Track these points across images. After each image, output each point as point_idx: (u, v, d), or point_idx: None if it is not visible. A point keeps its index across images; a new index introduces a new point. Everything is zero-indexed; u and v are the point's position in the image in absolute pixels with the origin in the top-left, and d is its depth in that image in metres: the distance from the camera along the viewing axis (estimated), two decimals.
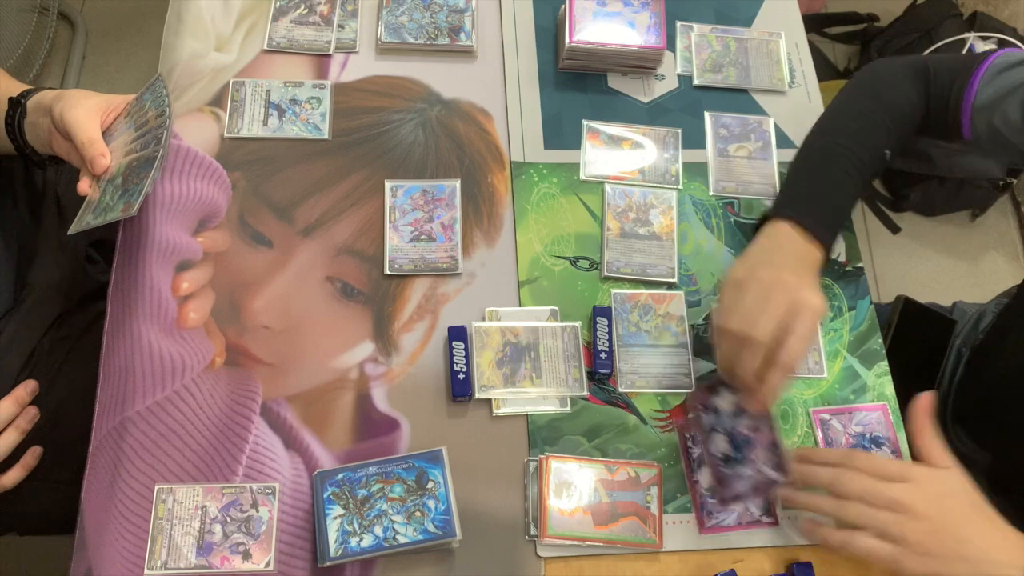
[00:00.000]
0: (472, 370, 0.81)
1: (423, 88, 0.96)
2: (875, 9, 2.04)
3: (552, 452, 0.79)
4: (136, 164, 0.75)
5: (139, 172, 0.74)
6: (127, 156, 0.77)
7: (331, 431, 0.78)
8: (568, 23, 0.96)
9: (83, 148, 0.76)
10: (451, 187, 0.90)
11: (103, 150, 0.77)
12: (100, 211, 0.75)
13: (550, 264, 0.88)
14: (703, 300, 0.88)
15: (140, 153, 0.76)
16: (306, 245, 0.86)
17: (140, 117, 0.79)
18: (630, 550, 0.76)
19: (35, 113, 0.80)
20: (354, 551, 0.71)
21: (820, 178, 0.81)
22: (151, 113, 0.78)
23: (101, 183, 0.77)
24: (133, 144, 0.77)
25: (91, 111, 0.78)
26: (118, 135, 0.79)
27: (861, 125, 0.83)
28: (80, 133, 0.76)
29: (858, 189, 0.82)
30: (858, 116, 0.84)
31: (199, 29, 0.96)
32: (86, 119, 0.76)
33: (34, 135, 0.82)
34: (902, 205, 1.89)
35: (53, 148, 0.81)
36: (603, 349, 0.83)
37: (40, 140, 0.82)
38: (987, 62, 0.81)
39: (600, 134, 0.96)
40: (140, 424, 0.76)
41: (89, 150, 0.76)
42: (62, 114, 0.76)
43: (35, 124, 0.81)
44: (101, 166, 0.76)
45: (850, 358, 0.88)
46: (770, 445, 0.77)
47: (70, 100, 0.77)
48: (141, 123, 0.79)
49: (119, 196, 0.74)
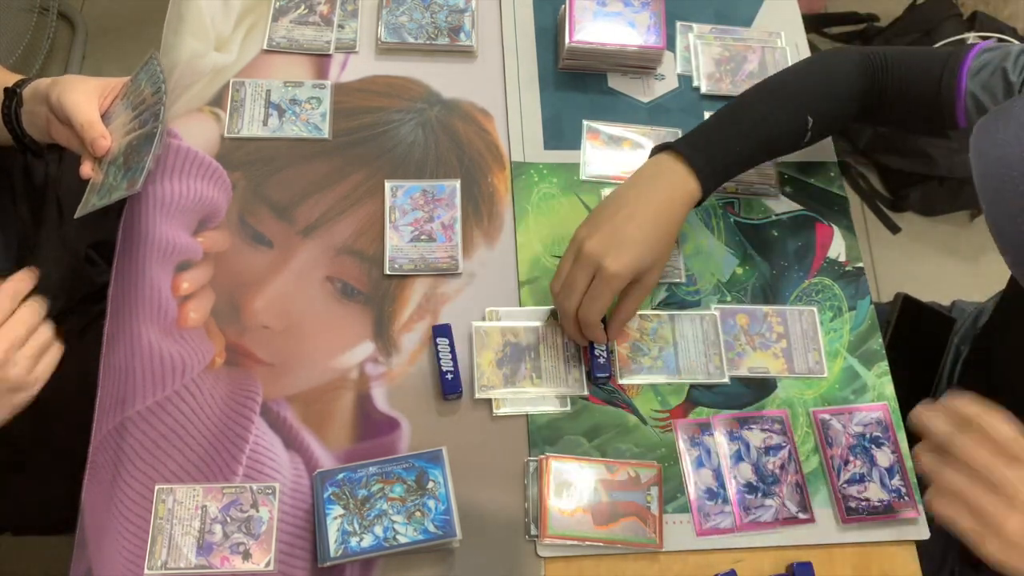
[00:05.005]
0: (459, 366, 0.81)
1: (423, 88, 0.96)
2: (875, 9, 2.04)
3: (552, 452, 0.79)
4: (136, 142, 0.76)
5: (140, 150, 0.75)
6: (127, 136, 0.77)
7: (331, 431, 0.78)
8: (568, 23, 0.96)
9: (83, 131, 0.76)
10: (451, 187, 0.90)
11: (103, 131, 0.77)
12: (104, 192, 0.75)
13: (550, 264, 0.88)
14: (703, 300, 0.88)
15: (139, 131, 0.76)
16: (306, 245, 0.86)
17: (136, 96, 0.80)
18: (630, 550, 0.76)
19: (32, 102, 0.81)
20: (354, 551, 0.71)
21: (724, 124, 0.84)
22: (147, 91, 0.79)
23: (103, 165, 0.78)
24: (132, 123, 0.78)
25: (89, 94, 0.78)
26: (116, 116, 0.80)
27: (791, 90, 0.86)
28: (79, 116, 0.76)
29: (762, 146, 0.84)
30: (793, 81, 0.87)
31: (199, 29, 0.96)
32: (84, 102, 0.77)
33: (32, 124, 0.82)
34: (902, 205, 1.89)
35: (52, 135, 0.81)
36: (600, 352, 0.83)
37: (38, 129, 0.82)
38: (974, 49, 0.82)
39: (600, 134, 0.96)
40: (140, 424, 0.76)
41: (89, 132, 0.76)
42: (60, 98, 0.76)
43: (32, 113, 0.81)
44: (102, 147, 0.76)
45: (850, 358, 0.88)
46: (795, 486, 0.80)
47: (67, 85, 0.78)
48: (138, 102, 0.79)
49: (122, 176, 0.75)
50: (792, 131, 0.85)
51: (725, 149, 0.82)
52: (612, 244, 0.76)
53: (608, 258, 0.76)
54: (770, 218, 0.94)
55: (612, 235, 0.77)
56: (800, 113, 0.84)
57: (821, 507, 0.79)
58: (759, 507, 0.79)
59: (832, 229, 0.95)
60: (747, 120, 0.84)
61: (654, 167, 0.81)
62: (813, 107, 0.84)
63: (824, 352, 0.87)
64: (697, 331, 0.87)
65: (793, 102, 0.85)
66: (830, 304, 0.90)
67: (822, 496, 0.80)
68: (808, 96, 0.85)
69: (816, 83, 0.86)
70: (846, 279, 0.92)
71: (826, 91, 0.86)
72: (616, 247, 0.76)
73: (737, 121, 0.84)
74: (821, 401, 0.85)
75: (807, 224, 0.94)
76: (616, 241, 0.77)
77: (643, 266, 0.78)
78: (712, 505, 0.79)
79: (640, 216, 0.78)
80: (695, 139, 0.82)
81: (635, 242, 0.77)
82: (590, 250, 0.77)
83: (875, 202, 1.90)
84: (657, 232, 0.78)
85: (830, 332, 0.89)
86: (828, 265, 0.92)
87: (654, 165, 0.81)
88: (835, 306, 0.90)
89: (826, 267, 0.92)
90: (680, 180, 0.79)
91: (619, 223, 0.77)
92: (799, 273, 0.91)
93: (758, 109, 0.85)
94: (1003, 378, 0.89)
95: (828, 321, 0.89)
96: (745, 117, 0.84)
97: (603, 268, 0.76)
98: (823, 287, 0.91)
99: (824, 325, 0.89)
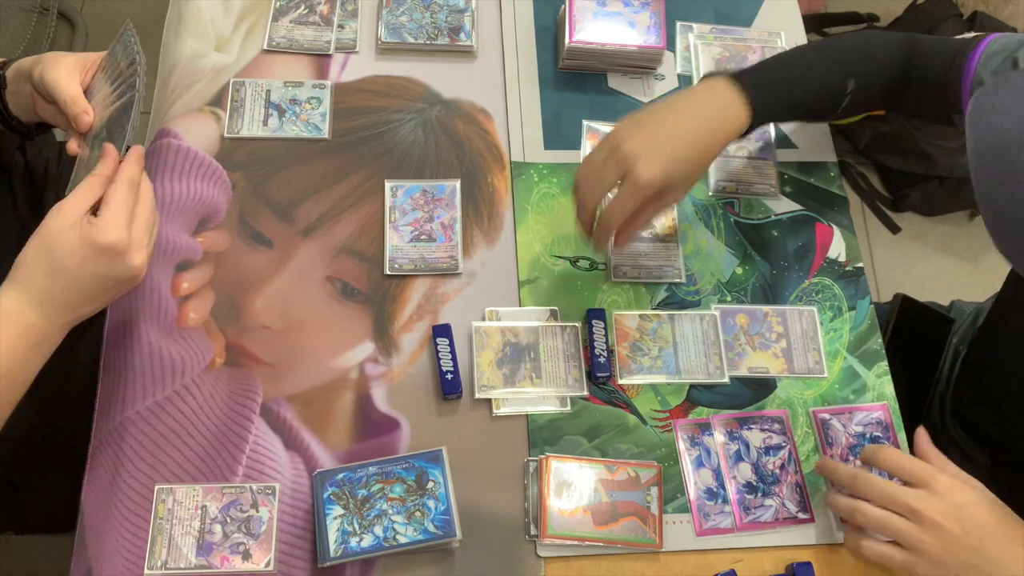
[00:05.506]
0: (459, 366, 0.81)
1: (423, 88, 0.96)
2: (875, 9, 2.04)
3: (552, 452, 0.79)
4: (115, 114, 0.76)
5: (120, 121, 0.75)
6: (106, 109, 0.78)
7: (331, 431, 0.78)
8: (568, 23, 0.96)
9: (66, 107, 0.77)
10: (451, 187, 0.90)
11: (85, 107, 0.77)
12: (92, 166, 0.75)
13: (550, 264, 0.88)
14: (703, 300, 0.88)
15: (117, 103, 0.77)
16: (306, 245, 0.86)
17: (114, 70, 0.80)
18: (630, 550, 0.76)
19: (16, 82, 0.81)
20: (354, 551, 0.71)
21: (776, 68, 0.83)
22: (123, 63, 0.79)
23: (88, 140, 0.78)
24: (111, 96, 0.78)
25: (70, 70, 0.78)
26: (97, 91, 0.80)
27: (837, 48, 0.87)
28: (62, 92, 0.76)
29: (808, 96, 0.83)
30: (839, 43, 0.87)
31: (199, 29, 0.96)
32: (65, 78, 0.77)
33: (17, 104, 0.82)
34: (902, 205, 1.89)
35: (38, 113, 0.82)
36: (600, 352, 0.83)
37: (24, 108, 0.82)
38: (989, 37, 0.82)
39: (600, 134, 0.96)
40: (140, 424, 0.76)
41: (72, 108, 0.77)
42: (42, 76, 0.77)
43: (17, 92, 0.82)
44: (85, 123, 0.77)
45: (850, 358, 0.88)
46: (795, 486, 0.80)
47: (49, 62, 0.78)
48: (115, 76, 0.79)
49: None
50: (833, 90, 0.84)
51: (776, 90, 0.81)
52: (649, 149, 0.74)
53: (641, 162, 0.74)
54: (770, 218, 0.94)
55: (651, 140, 0.75)
56: (844, 72, 0.83)
57: (821, 507, 0.79)
58: (759, 507, 0.79)
59: (832, 229, 0.95)
60: (798, 68, 0.84)
61: (707, 88, 0.80)
62: (856, 70, 0.84)
63: (824, 352, 0.87)
64: (697, 331, 0.87)
65: (839, 60, 0.84)
66: (830, 304, 0.90)
67: (822, 496, 0.80)
68: (853, 57, 0.85)
69: (861, 48, 0.86)
70: (846, 279, 0.92)
71: (869, 56, 0.86)
72: (652, 153, 0.74)
73: (788, 67, 0.83)
74: (821, 401, 0.85)
75: (807, 224, 0.94)
76: (654, 147, 0.75)
77: (673, 180, 0.76)
78: (712, 505, 0.79)
79: (683, 129, 0.76)
80: (749, 74, 0.81)
81: (672, 153, 0.75)
82: (626, 150, 0.75)
83: (875, 202, 1.90)
84: (696, 150, 0.77)
85: (830, 332, 0.89)
86: (828, 265, 0.92)
87: (707, 86, 0.80)
88: (835, 306, 0.90)
89: (826, 267, 0.92)
90: (732, 106, 0.78)
91: (661, 130, 0.76)
92: (799, 273, 0.91)
93: (807, 60, 0.85)
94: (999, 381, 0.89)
95: (828, 321, 0.89)
96: (796, 65, 0.84)
97: (634, 172, 0.74)
98: (823, 287, 0.91)
99: (824, 325, 0.89)
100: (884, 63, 0.85)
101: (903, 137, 1.80)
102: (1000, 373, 0.89)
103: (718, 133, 0.78)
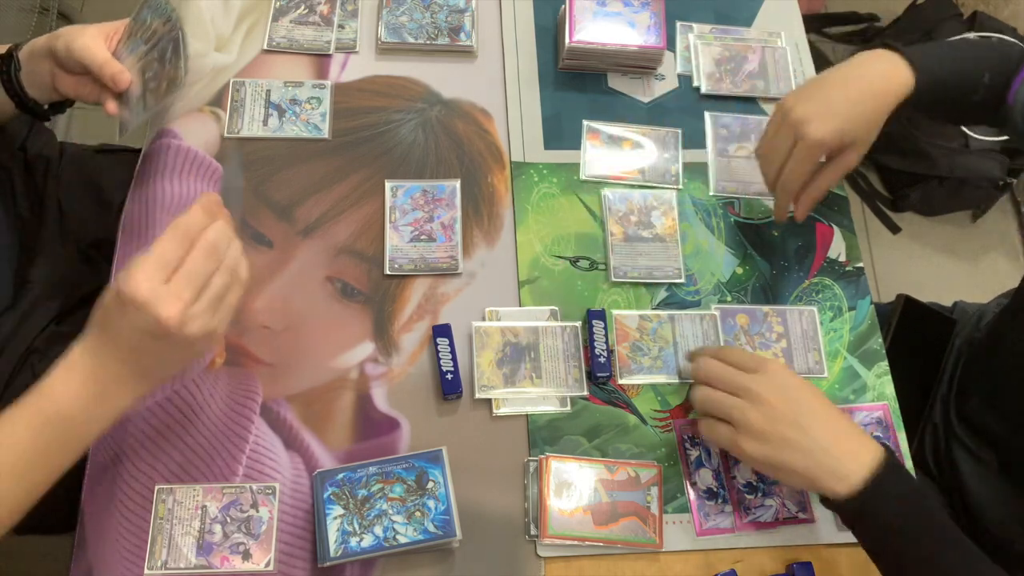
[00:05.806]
0: (459, 366, 0.81)
1: (423, 88, 0.96)
2: (875, 9, 2.04)
3: (552, 452, 0.79)
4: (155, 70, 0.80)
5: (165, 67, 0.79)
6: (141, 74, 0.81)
7: (331, 431, 0.78)
8: (568, 23, 0.96)
9: (101, 70, 0.78)
10: (451, 187, 0.90)
11: (120, 67, 0.79)
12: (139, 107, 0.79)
13: (550, 264, 0.88)
14: (703, 300, 0.88)
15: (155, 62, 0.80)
16: (306, 245, 0.86)
17: (145, 32, 0.81)
18: (630, 550, 0.76)
19: (31, 62, 0.82)
20: (354, 551, 0.71)
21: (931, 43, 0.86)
22: (156, 24, 0.80)
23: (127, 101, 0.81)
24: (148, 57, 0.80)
25: (95, 37, 0.80)
26: (123, 59, 0.81)
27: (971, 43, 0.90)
28: (95, 57, 0.78)
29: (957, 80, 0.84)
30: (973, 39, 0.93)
31: (199, 29, 0.96)
32: (94, 44, 0.79)
33: (34, 83, 0.83)
34: (902, 205, 1.89)
35: (58, 88, 0.82)
36: (600, 352, 0.83)
37: (42, 86, 0.83)
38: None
39: (600, 134, 0.96)
40: (140, 424, 0.76)
41: (108, 69, 0.78)
42: (68, 46, 0.78)
43: (34, 72, 0.82)
44: (125, 80, 0.79)
45: (850, 358, 0.88)
46: None
47: (71, 33, 0.80)
48: (149, 36, 0.80)
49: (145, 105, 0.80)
50: (972, 80, 0.85)
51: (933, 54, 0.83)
52: (818, 111, 0.78)
53: (812, 124, 0.77)
54: (770, 218, 0.94)
55: (820, 103, 0.78)
56: (980, 64, 0.84)
57: (821, 507, 0.79)
58: (759, 507, 0.79)
59: (832, 229, 0.95)
60: (945, 47, 0.86)
61: (869, 56, 0.82)
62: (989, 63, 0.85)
63: (824, 352, 0.87)
64: (697, 331, 0.87)
65: (976, 53, 0.86)
66: (830, 304, 0.90)
67: None
68: (986, 52, 0.86)
69: (993, 44, 0.88)
70: (846, 279, 0.92)
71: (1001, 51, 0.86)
72: (821, 115, 0.78)
73: (939, 44, 0.87)
74: None
75: (807, 224, 0.94)
76: (823, 109, 0.78)
77: (845, 139, 0.79)
78: (712, 505, 0.79)
79: (851, 89, 0.79)
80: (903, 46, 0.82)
81: (841, 112, 0.78)
82: (795, 116, 0.78)
83: (875, 202, 1.90)
84: (865, 110, 0.79)
85: (830, 332, 0.89)
86: (828, 265, 0.92)
87: (869, 55, 0.82)
88: (835, 306, 0.90)
89: (826, 267, 0.92)
90: (897, 70, 0.80)
91: (829, 93, 0.79)
92: (799, 273, 0.91)
93: (953, 46, 0.86)
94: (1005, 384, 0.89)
95: (828, 321, 0.89)
96: (944, 45, 0.87)
97: (806, 134, 0.77)
98: (823, 287, 0.91)
99: (824, 325, 0.89)
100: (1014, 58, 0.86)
101: (903, 137, 1.80)
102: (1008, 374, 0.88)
103: (884, 94, 0.80)
